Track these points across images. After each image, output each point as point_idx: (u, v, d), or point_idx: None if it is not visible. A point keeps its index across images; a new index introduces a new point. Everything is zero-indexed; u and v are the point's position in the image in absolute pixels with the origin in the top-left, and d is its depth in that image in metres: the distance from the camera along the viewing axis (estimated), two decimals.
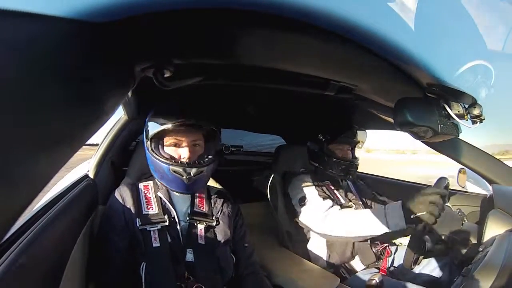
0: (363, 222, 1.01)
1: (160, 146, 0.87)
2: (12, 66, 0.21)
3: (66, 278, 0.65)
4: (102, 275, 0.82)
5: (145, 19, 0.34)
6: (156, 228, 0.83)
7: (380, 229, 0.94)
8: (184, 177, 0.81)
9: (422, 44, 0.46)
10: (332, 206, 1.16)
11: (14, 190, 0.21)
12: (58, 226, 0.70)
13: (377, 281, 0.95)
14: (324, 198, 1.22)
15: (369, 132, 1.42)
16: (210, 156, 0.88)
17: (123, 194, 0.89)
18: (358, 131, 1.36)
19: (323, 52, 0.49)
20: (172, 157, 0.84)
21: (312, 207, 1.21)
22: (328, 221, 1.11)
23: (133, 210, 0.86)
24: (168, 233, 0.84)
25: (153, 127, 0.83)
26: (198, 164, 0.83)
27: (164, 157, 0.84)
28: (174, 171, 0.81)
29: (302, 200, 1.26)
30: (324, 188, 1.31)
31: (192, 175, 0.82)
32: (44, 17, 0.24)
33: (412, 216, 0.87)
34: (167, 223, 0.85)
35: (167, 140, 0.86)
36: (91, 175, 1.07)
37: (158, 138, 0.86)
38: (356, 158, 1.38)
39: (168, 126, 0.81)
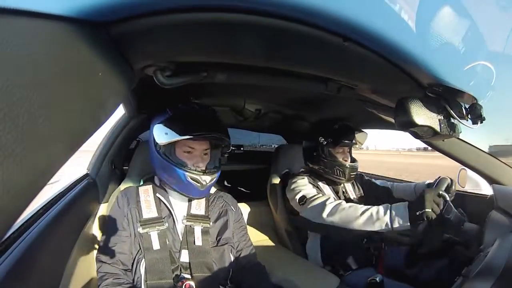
0: (365, 216, 0.97)
1: (172, 152, 0.88)
2: (11, 65, 0.21)
3: (66, 276, 0.65)
4: (103, 272, 0.83)
5: (145, 18, 0.34)
6: (156, 231, 0.85)
7: (382, 226, 0.93)
8: (199, 184, 0.84)
9: (423, 44, 0.46)
10: (334, 200, 1.12)
11: (14, 189, 0.21)
12: (59, 225, 0.70)
13: (378, 280, 0.95)
14: (323, 195, 1.22)
15: None
16: (216, 164, 0.92)
17: (126, 198, 0.91)
18: (359, 133, 1.34)
19: (323, 51, 0.49)
20: (188, 166, 0.86)
21: (313, 202, 1.16)
22: (328, 209, 1.07)
23: (134, 215, 0.88)
24: (167, 235, 0.86)
25: (170, 136, 0.82)
26: (212, 172, 0.87)
27: (180, 164, 0.85)
28: (192, 179, 0.84)
29: (302, 200, 1.23)
30: (322, 189, 1.31)
31: (207, 182, 0.85)
32: (44, 16, 0.24)
33: (417, 213, 0.87)
34: (165, 226, 0.87)
35: (180, 147, 0.87)
36: (92, 174, 1.07)
37: (170, 144, 0.86)
38: (355, 160, 1.36)
39: (189, 137, 0.81)
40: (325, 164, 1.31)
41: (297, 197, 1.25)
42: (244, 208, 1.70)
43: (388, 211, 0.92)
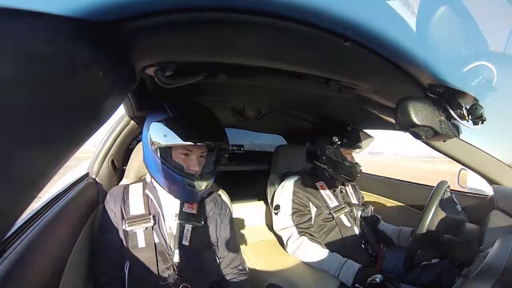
0: (318, 261, 1.16)
1: (168, 154, 0.85)
2: (11, 65, 0.21)
3: (66, 276, 0.65)
4: (94, 271, 0.83)
5: (145, 18, 0.34)
6: (142, 228, 0.85)
7: (331, 272, 1.11)
8: (195, 190, 0.83)
9: (423, 44, 0.46)
10: (296, 235, 1.26)
11: (15, 190, 0.21)
12: (59, 225, 0.70)
13: (378, 281, 0.95)
14: (295, 212, 1.29)
15: None
16: (212, 168, 0.90)
17: (114, 196, 0.91)
18: (367, 138, 1.36)
19: (324, 51, 0.49)
20: (184, 169, 0.84)
21: (281, 224, 1.32)
22: (290, 247, 1.27)
23: (121, 212, 0.87)
24: (155, 233, 0.85)
25: (169, 139, 0.79)
26: (208, 178, 0.85)
27: (178, 169, 0.83)
28: (189, 184, 0.82)
29: (276, 209, 1.36)
30: (308, 194, 1.33)
31: (203, 188, 0.84)
32: (44, 16, 0.24)
33: (367, 280, 0.98)
34: (152, 224, 0.86)
35: (177, 149, 0.84)
36: (92, 174, 1.07)
37: (168, 146, 0.84)
38: (357, 162, 1.38)
39: (187, 143, 0.78)
40: (334, 164, 1.32)
41: (275, 203, 1.39)
42: (245, 208, 1.70)
43: (338, 272, 1.09)
